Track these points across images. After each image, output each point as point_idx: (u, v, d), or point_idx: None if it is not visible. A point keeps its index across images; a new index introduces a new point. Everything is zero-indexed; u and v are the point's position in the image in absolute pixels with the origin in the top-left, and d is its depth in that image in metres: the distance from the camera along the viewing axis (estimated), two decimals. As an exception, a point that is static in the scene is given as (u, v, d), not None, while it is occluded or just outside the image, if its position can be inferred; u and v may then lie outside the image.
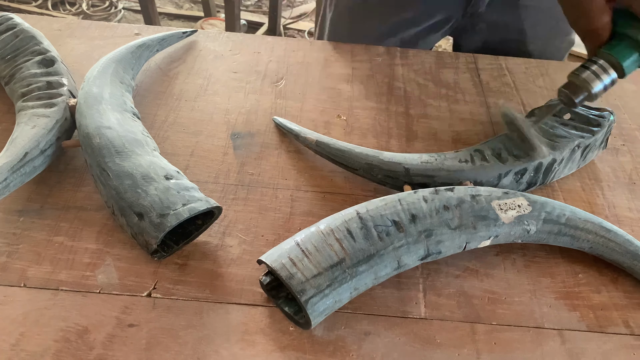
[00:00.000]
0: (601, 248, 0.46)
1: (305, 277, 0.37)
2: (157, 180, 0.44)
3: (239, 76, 0.68)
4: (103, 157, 0.45)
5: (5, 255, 0.44)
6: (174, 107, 0.62)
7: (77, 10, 2.35)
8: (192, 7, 2.53)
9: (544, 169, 0.51)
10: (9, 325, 0.40)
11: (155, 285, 0.43)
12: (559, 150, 0.51)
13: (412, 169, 0.49)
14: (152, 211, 0.42)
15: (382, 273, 0.41)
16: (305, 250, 0.39)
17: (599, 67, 0.46)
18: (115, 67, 0.57)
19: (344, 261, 0.39)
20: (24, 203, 0.49)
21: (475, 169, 0.49)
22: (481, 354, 0.41)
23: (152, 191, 0.43)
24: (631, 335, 0.43)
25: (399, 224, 0.41)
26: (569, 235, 0.46)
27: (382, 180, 0.51)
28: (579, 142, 0.53)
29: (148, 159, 0.46)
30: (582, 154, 0.54)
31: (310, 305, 0.37)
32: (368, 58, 0.73)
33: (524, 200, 0.45)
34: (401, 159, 0.50)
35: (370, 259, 0.40)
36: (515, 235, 0.45)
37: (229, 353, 0.39)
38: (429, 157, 0.50)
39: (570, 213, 0.46)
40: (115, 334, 0.40)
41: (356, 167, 0.52)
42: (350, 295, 0.40)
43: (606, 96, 0.70)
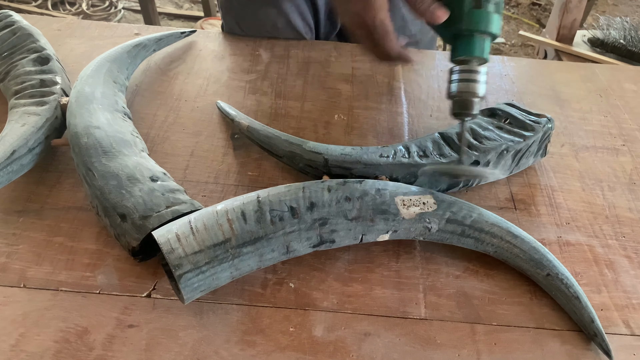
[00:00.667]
0: (505, 253, 0.45)
1: (185, 253, 0.38)
2: (142, 181, 0.44)
3: (239, 76, 0.68)
4: (90, 156, 0.45)
5: (5, 255, 0.44)
6: (174, 107, 0.62)
7: (77, 10, 2.35)
8: (192, 7, 2.53)
9: None
10: (8, 325, 0.40)
11: (155, 286, 0.43)
12: (483, 153, 0.51)
13: (331, 160, 0.49)
14: (135, 213, 0.42)
15: (269, 256, 0.41)
16: (194, 228, 0.39)
17: (467, 72, 0.46)
18: (110, 67, 0.57)
19: (229, 241, 0.39)
20: (23, 203, 0.49)
21: (392, 165, 0.49)
22: (481, 355, 0.41)
23: (137, 192, 0.43)
24: (631, 335, 0.43)
25: (295, 210, 0.41)
26: (472, 237, 0.45)
27: (303, 170, 0.52)
28: (508, 145, 0.51)
29: (135, 159, 0.46)
30: (513, 158, 0.53)
31: (184, 280, 0.38)
32: (368, 58, 0.73)
33: (431, 199, 0.45)
34: (323, 149, 0.50)
35: (257, 241, 0.40)
36: (416, 232, 0.45)
37: (229, 353, 0.39)
38: (351, 149, 0.50)
39: (477, 215, 0.45)
40: (115, 335, 0.40)
41: (280, 154, 0.52)
42: (231, 274, 0.40)
43: (606, 96, 0.70)
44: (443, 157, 0.51)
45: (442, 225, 0.45)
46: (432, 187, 0.51)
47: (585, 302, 0.43)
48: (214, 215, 0.40)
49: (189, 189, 0.52)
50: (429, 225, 0.45)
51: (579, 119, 0.66)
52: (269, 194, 0.42)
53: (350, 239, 0.44)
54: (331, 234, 0.43)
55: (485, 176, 0.52)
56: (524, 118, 0.55)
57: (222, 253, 0.39)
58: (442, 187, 0.52)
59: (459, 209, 0.45)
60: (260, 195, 0.42)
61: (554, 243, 0.50)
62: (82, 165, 0.45)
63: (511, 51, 2.40)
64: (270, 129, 0.53)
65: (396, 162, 0.49)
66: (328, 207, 0.42)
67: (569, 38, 1.45)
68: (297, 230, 0.41)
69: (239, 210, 0.41)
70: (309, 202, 0.42)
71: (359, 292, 0.44)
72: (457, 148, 0.51)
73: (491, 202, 0.54)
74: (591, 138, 0.63)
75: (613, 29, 1.47)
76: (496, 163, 0.52)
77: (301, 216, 0.42)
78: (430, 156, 0.50)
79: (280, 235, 0.41)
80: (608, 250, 0.50)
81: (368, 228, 0.44)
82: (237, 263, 0.40)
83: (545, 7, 2.68)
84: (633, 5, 2.74)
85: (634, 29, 1.45)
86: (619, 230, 0.52)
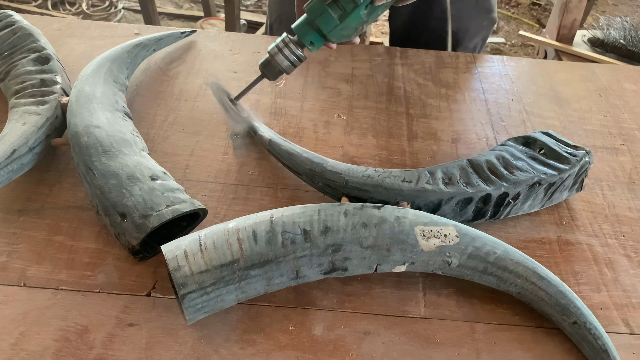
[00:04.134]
0: (529, 295, 0.42)
1: (191, 272, 0.37)
2: (142, 180, 0.44)
3: (239, 76, 0.68)
4: (90, 156, 0.45)
5: (5, 254, 0.45)
6: (174, 107, 0.62)
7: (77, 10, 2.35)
8: (192, 7, 2.53)
9: (493, 201, 0.48)
10: (8, 324, 0.40)
11: (154, 285, 0.43)
12: (513, 185, 0.48)
13: (352, 182, 0.47)
14: (135, 212, 0.42)
15: (277, 281, 0.39)
16: (203, 245, 0.38)
17: (287, 48, 0.48)
18: (110, 66, 0.57)
19: (237, 262, 0.38)
20: (24, 203, 0.49)
21: (415, 191, 0.46)
22: (481, 354, 0.41)
23: (137, 191, 0.43)
24: (631, 334, 0.43)
25: (308, 234, 0.39)
26: (495, 276, 0.42)
27: (323, 189, 0.50)
28: (540, 178, 0.48)
29: (135, 159, 0.46)
30: (545, 192, 0.50)
31: (188, 300, 0.37)
32: (368, 58, 0.73)
33: (453, 231, 0.42)
34: (344, 169, 0.48)
35: (266, 264, 0.38)
36: (435, 265, 0.42)
37: (229, 352, 0.39)
38: (373, 171, 0.48)
39: (502, 252, 0.42)
40: (115, 334, 0.40)
41: (300, 171, 0.50)
42: (236, 297, 0.39)
43: (606, 96, 0.70)
44: (470, 186, 0.47)
45: (463, 260, 0.42)
46: (457, 217, 0.48)
47: (614, 357, 0.40)
48: (224, 234, 0.39)
49: (189, 188, 0.52)
50: (449, 259, 0.42)
51: (578, 118, 0.66)
52: (282, 214, 0.41)
53: (364, 268, 0.41)
54: (344, 262, 0.40)
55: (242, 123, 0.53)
56: (560, 149, 0.51)
57: (229, 274, 0.38)
58: (467, 217, 0.49)
59: (483, 244, 0.42)
60: (274, 215, 0.40)
61: (554, 242, 0.50)
62: (82, 165, 0.45)
63: (511, 51, 2.40)
64: (291, 145, 0.52)
65: (419, 188, 0.47)
66: (343, 233, 0.40)
67: (569, 38, 1.45)
68: (309, 256, 0.39)
69: (250, 230, 0.39)
70: (324, 226, 0.40)
71: (359, 291, 0.44)
72: (485, 177, 0.48)
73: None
74: (591, 137, 0.63)
75: (613, 29, 1.47)
76: (527, 196, 0.49)
77: (314, 240, 0.39)
78: (456, 184, 0.47)
79: (291, 260, 0.39)
80: (607, 250, 0.50)
81: (384, 258, 0.41)
82: (243, 286, 0.38)
83: (545, 7, 2.68)
84: (633, 5, 2.74)
85: (634, 29, 1.45)
86: (619, 229, 0.52)
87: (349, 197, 0.48)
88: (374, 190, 0.47)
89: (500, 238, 0.47)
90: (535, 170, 0.49)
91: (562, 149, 0.51)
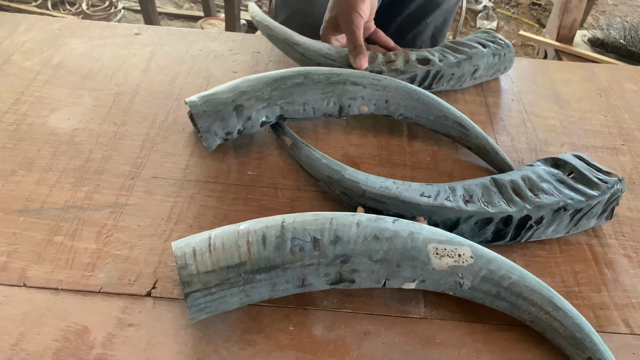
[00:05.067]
0: (543, 325, 0.40)
1: (198, 271, 0.37)
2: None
3: (239, 76, 0.67)
4: None
5: (5, 255, 0.44)
6: (174, 107, 0.62)
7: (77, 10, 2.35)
8: (192, 7, 2.53)
9: (515, 223, 0.46)
10: (9, 325, 0.40)
11: (155, 285, 0.43)
12: (537, 208, 0.46)
13: (369, 192, 0.47)
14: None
15: (282, 287, 0.39)
16: (212, 245, 0.38)
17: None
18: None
19: (243, 265, 0.38)
20: (24, 203, 0.49)
21: (433, 207, 0.46)
22: (481, 354, 0.41)
23: None
24: (631, 334, 0.43)
25: (318, 242, 0.39)
26: (508, 302, 0.41)
27: (339, 197, 0.49)
28: (566, 203, 0.47)
29: None
30: (571, 218, 0.48)
31: (192, 299, 0.37)
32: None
33: (468, 251, 0.40)
34: (362, 178, 0.48)
35: (272, 269, 0.38)
36: (446, 285, 0.40)
37: (229, 352, 0.39)
38: (392, 182, 0.48)
39: (517, 277, 0.40)
40: (115, 334, 0.40)
41: (318, 177, 0.51)
42: (240, 300, 0.39)
43: (606, 96, 0.70)
44: (491, 206, 0.46)
45: (475, 282, 0.40)
46: (475, 237, 0.47)
47: None
48: (234, 235, 0.39)
49: (189, 188, 0.52)
50: (461, 280, 0.40)
51: (579, 118, 0.66)
52: (294, 219, 0.40)
53: (372, 281, 0.40)
54: (352, 274, 0.39)
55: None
56: (591, 175, 0.49)
57: (235, 277, 0.38)
58: (486, 237, 0.47)
59: (498, 267, 0.40)
60: (286, 221, 0.40)
61: (554, 242, 0.50)
62: None
63: (511, 51, 2.40)
64: (313, 150, 0.52)
65: (437, 204, 0.46)
66: (353, 244, 0.39)
67: (569, 38, 1.46)
68: (316, 264, 0.39)
69: (260, 234, 0.39)
70: (334, 235, 0.39)
71: (359, 291, 0.44)
72: (508, 197, 0.47)
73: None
74: (591, 137, 0.63)
75: (613, 29, 1.47)
76: (551, 221, 0.47)
77: (323, 249, 0.39)
78: (476, 202, 0.46)
79: (298, 267, 0.39)
80: (608, 250, 0.50)
81: (393, 273, 0.40)
82: (247, 289, 0.38)
83: (545, 7, 2.68)
84: (633, 5, 2.74)
85: (634, 29, 1.45)
86: (619, 229, 0.52)
87: (365, 208, 0.47)
88: (391, 202, 0.46)
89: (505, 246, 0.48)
90: (561, 194, 0.47)
91: (593, 174, 0.49)
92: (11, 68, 0.64)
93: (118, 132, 0.57)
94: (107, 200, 0.50)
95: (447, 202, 0.46)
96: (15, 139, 0.55)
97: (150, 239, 0.47)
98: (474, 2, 2.61)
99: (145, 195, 0.51)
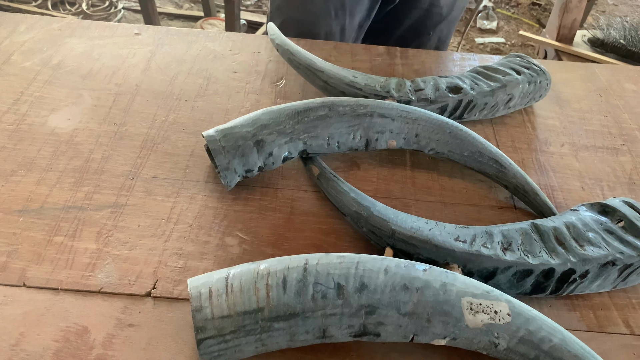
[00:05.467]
0: None
1: (213, 315, 0.35)
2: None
3: (239, 76, 0.68)
4: None
5: (5, 255, 0.44)
6: (174, 107, 0.62)
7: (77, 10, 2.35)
8: (192, 7, 2.53)
9: (557, 276, 0.43)
10: (9, 325, 0.40)
11: (155, 285, 0.43)
12: (582, 261, 0.43)
13: (399, 232, 0.44)
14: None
15: (301, 337, 0.36)
16: (229, 286, 0.36)
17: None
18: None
19: (261, 311, 0.35)
20: (24, 203, 0.49)
21: (468, 254, 0.42)
22: (481, 353, 0.41)
23: None
24: (631, 335, 0.43)
25: (342, 289, 0.36)
26: None
27: (367, 235, 0.47)
28: (615, 258, 0.43)
29: None
30: (619, 273, 0.44)
31: (204, 346, 0.35)
32: (368, 58, 0.73)
33: (506, 308, 0.37)
34: (391, 216, 0.45)
35: (292, 318, 0.35)
36: (480, 345, 0.37)
37: (229, 353, 0.39)
38: (424, 223, 0.45)
39: (559, 341, 0.36)
40: (115, 334, 0.40)
41: (345, 212, 0.48)
42: (256, 349, 0.36)
43: (606, 96, 0.70)
44: (531, 256, 0.43)
45: (512, 344, 0.36)
46: (512, 289, 0.44)
47: None
48: (253, 276, 0.36)
49: (189, 189, 0.52)
50: (496, 340, 0.36)
51: (579, 118, 0.66)
52: (318, 262, 0.37)
53: (399, 336, 0.37)
54: (377, 327, 0.36)
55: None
56: None
57: (251, 324, 0.35)
58: (524, 290, 0.44)
59: (538, 327, 0.37)
60: (309, 262, 0.37)
61: (554, 242, 0.50)
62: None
63: (511, 51, 2.40)
64: (341, 182, 0.49)
65: (474, 251, 0.42)
66: (380, 294, 0.36)
67: (569, 38, 1.45)
68: (339, 315, 0.36)
69: (280, 276, 0.36)
70: (360, 283, 0.36)
71: (359, 291, 0.44)
72: (551, 247, 0.43)
73: (491, 201, 0.54)
74: (591, 138, 0.63)
75: (613, 29, 1.47)
76: (597, 275, 0.44)
77: (347, 298, 0.36)
78: (516, 251, 0.43)
79: (319, 317, 0.36)
80: (608, 250, 0.50)
81: (422, 329, 0.36)
82: (264, 338, 0.36)
83: (545, 7, 2.68)
84: (633, 5, 2.74)
85: (634, 29, 1.45)
86: (619, 229, 0.52)
87: (394, 250, 0.44)
88: (423, 246, 0.43)
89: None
90: (610, 247, 0.44)
91: None
92: (11, 68, 0.64)
93: (118, 132, 0.57)
94: (107, 201, 0.50)
95: (484, 250, 0.42)
96: (15, 139, 0.55)
97: (150, 239, 0.47)
98: (474, 2, 2.61)
99: (145, 195, 0.51)
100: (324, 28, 0.82)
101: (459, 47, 2.03)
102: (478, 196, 0.54)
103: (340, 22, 0.83)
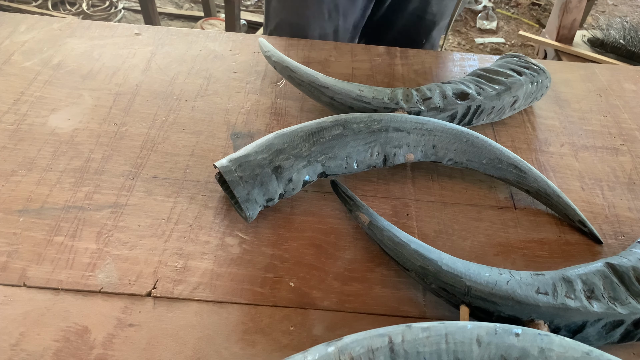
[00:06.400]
0: None
1: None
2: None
3: (239, 76, 0.68)
4: None
5: (5, 255, 0.45)
6: (174, 107, 0.62)
7: (77, 10, 2.35)
8: (192, 7, 2.53)
9: None
10: (9, 325, 0.40)
11: (155, 285, 0.43)
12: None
13: (475, 289, 0.40)
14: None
15: None
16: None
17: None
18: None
19: None
20: (24, 203, 0.49)
21: (554, 308, 0.39)
22: (481, 354, 0.41)
23: None
24: (631, 334, 0.43)
25: None
26: None
27: (436, 292, 0.42)
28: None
29: None
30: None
31: None
32: (368, 58, 0.73)
33: None
34: (463, 270, 0.41)
35: None
36: None
37: (229, 353, 0.39)
38: (498, 274, 0.41)
39: None
40: (115, 334, 0.40)
41: (408, 267, 0.43)
42: None
43: (606, 96, 0.70)
44: (619, 303, 0.40)
45: None
46: (601, 340, 0.41)
47: None
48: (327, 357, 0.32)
49: (189, 189, 0.52)
50: None
51: (578, 118, 0.66)
52: (404, 338, 0.32)
53: None
54: None
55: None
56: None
57: None
58: (613, 340, 0.41)
59: None
60: (394, 340, 0.32)
61: (554, 242, 0.50)
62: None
63: (511, 51, 2.40)
64: (396, 231, 0.44)
65: (559, 305, 0.39)
66: None
67: (569, 38, 1.45)
68: None
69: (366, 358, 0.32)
70: (454, 359, 0.32)
71: (359, 291, 0.44)
72: (635, 291, 0.40)
73: (491, 201, 0.54)
74: (591, 138, 0.63)
75: (613, 29, 1.47)
76: None
77: None
78: (602, 300, 0.40)
79: None
80: (607, 250, 0.50)
81: None
82: None
83: (545, 7, 2.68)
84: (633, 5, 2.74)
85: (634, 29, 1.45)
86: (619, 229, 0.52)
87: (470, 307, 0.41)
88: (504, 303, 0.39)
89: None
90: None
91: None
92: (11, 68, 0.64)
93: (118, 132, 0.57)
94: (107, 201, 0.50)
95: (569, 302, 0.39)
96: (16, 139, 0.55)
97: (150, 239, 0.47)
98: (474, 2, 2.61)
99: (145, 195, 0.51)
100: (318, 30, 0.83)
101: (444, 41, 2.03)
102: (478, 196, 0.54)
103: (334, 23, 0.83)
